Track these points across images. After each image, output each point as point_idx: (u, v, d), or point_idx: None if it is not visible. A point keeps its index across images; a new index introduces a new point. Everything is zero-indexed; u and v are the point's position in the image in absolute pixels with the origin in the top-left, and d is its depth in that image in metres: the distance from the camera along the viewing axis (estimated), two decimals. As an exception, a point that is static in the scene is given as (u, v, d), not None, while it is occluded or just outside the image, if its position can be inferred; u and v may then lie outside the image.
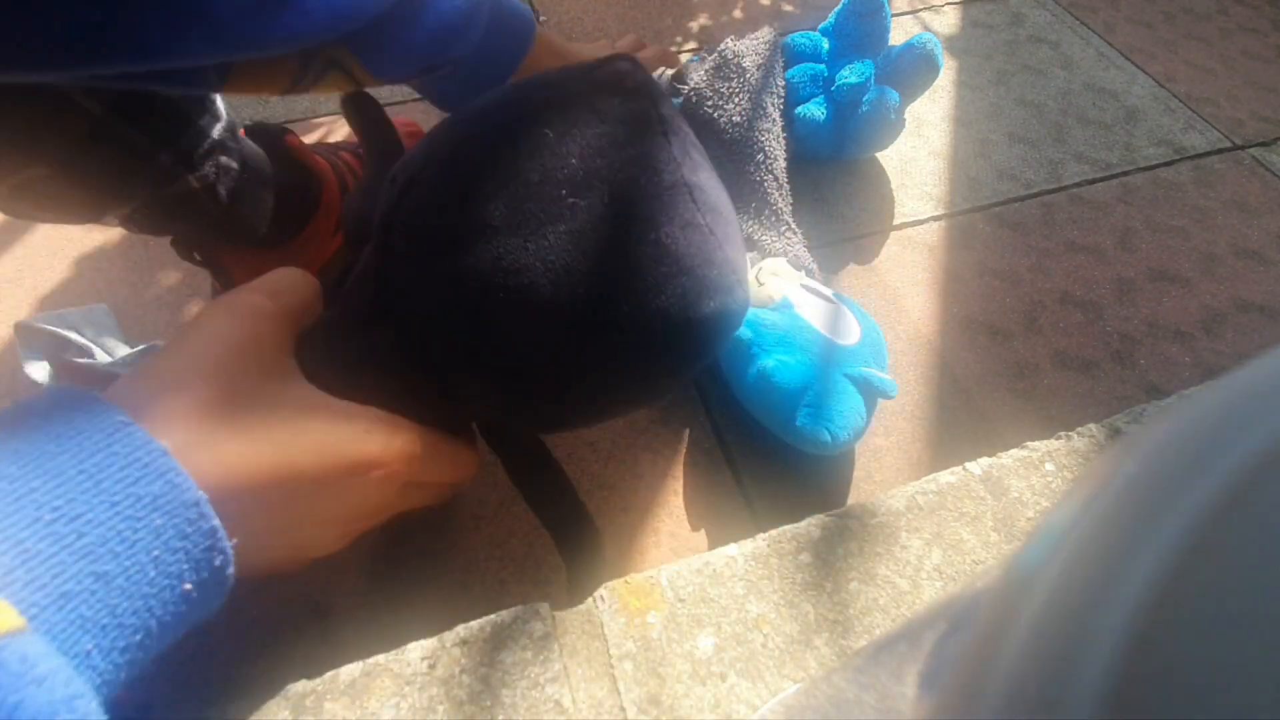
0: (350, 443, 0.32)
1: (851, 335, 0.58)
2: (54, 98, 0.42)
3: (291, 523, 0.32)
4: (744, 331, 0.58)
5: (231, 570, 0.27)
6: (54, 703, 0.20)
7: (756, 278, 0.62)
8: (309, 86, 0.41)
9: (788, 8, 1.12)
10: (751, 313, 0.59)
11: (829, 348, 0.56)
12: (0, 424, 0.24)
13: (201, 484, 0.25)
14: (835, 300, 0.62)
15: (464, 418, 0.38)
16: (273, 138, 0.65)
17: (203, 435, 0.27)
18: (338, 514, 0.34)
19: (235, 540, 0.27)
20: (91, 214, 0.51)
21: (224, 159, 0.56)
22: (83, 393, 0.26)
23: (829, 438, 0.54)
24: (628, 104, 0.30)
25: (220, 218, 0.59)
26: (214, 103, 0.55)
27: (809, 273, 0.72)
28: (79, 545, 0.22)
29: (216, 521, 0.26)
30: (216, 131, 0.55)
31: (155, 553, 0.24)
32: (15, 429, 0.24)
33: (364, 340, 0.33)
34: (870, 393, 0.56)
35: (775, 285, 0.60)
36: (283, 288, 0.33)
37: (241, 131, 0.62)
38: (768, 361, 0.55)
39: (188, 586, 0.25)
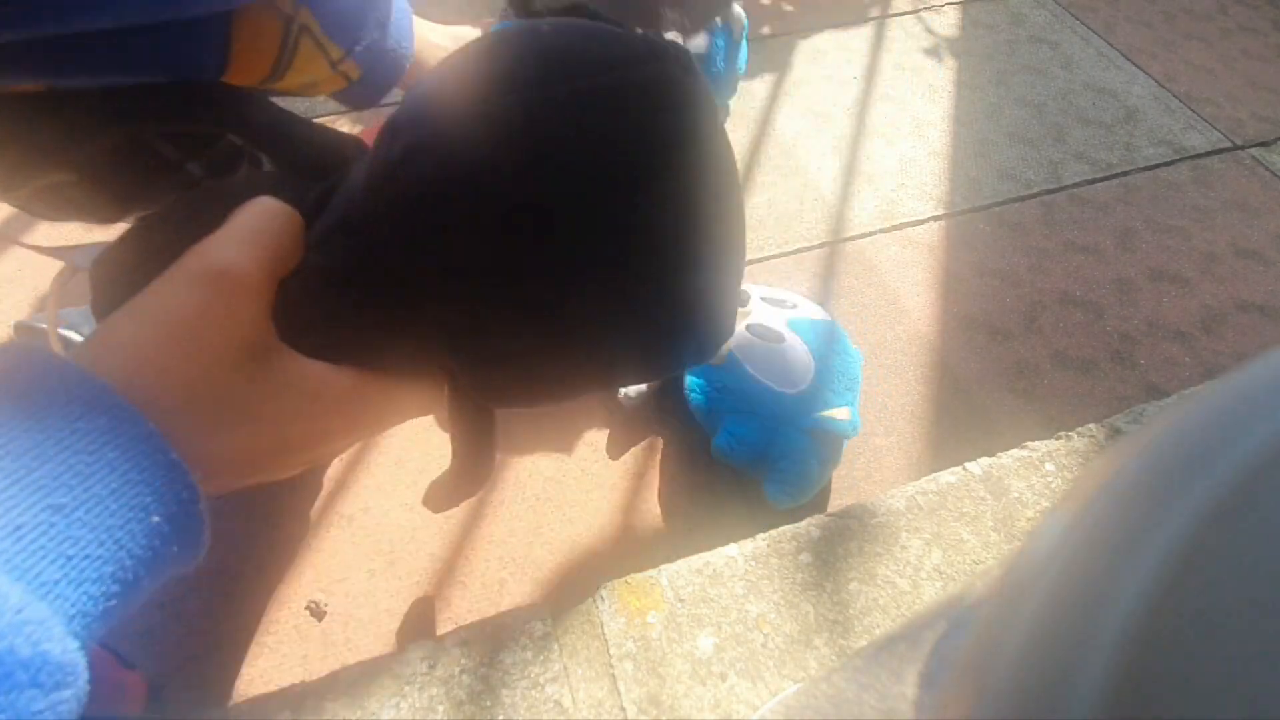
0: (332, 420, 0.32)
1: (804, 376, 0.57)
2: (89, 107, 0.42)
3: (264, 464, 0.31)
4: (699, 399, 0.59)
5: (202, 505, 0.26)
6: None
7: None
8: (289, 63, 0.40)
9: (788, 8, 1.12)
10: (704, 376, 0.60)
11: (780, 404, 0.56)
12: None
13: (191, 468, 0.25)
14: (795, 306, 0.61)
15: (434, 373, 0.38)
16: None
17: (184, 428, 0.26)
18: (307, 452, 0.34)
19: (199, 474, 0.26)
20: (111, 217, 0.51)
21: (250, 168, 0.57)
22: (27, 345, 0.25)
23: (789, 500, 0.57)
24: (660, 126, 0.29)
25: None
26: None
27: None
28: (29, 480, 0.21)
29: (175, 455, 0.25)
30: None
31: (113, 485, 0.23)
32: None
33: (346, 294, 0.32)
34: (826, 438, 0.57)
35: None
36: (262, 240, 0.30)
37: None
38: (722, 441, 0.57)
39: (155, 519, 0.24)
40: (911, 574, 0.48)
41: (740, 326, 0.59)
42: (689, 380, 0.61)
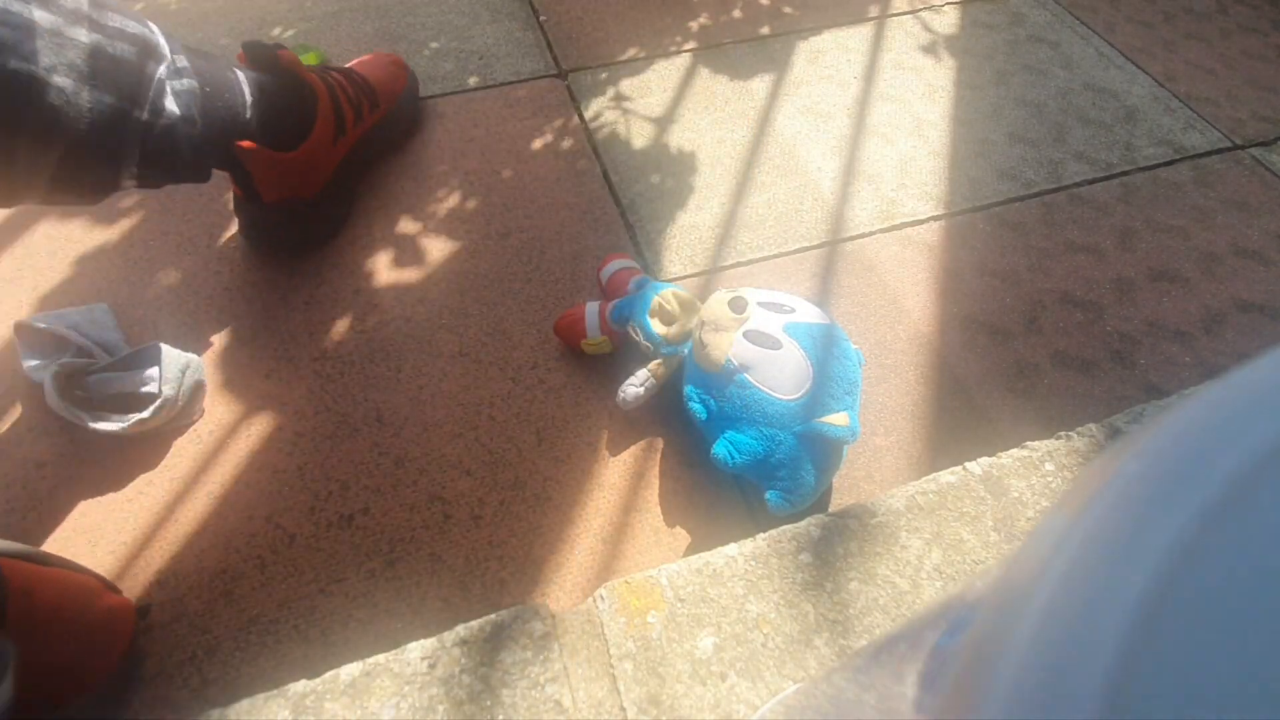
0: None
1: (802, 382, 0.57)
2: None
3: None
4: (699, 409, 0.59)
5: None
6: None
7: (700, 337, 0.60)
8: None
9: (788, 10, 1.12)
10: (702, 384, 0.59)
11: (777, 411, 0.56)
12: None
13: None
14: (793, 310, 0.60)
15: None
16: (267, 52, 0.69)
17: None
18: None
19: None
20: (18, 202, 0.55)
21: (176, 84, 0.59)
22: None
23: (790, 508, 0.56)
24: None
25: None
26: (159, 47, 0.57)
27: None
28: None
29: None
30: (162, 72, 0.58)
31: None
32: None
33: None
34: (825, 444, 0.56)
35: (717, 344, 0.59)
36: None
37: (240, 55, 0.69)
38: (720, 449, 0.57)
39: None
40: (911, 574, 0.48)
41: (738, 333, 0.58)
42: (686, 389, 0.61)
